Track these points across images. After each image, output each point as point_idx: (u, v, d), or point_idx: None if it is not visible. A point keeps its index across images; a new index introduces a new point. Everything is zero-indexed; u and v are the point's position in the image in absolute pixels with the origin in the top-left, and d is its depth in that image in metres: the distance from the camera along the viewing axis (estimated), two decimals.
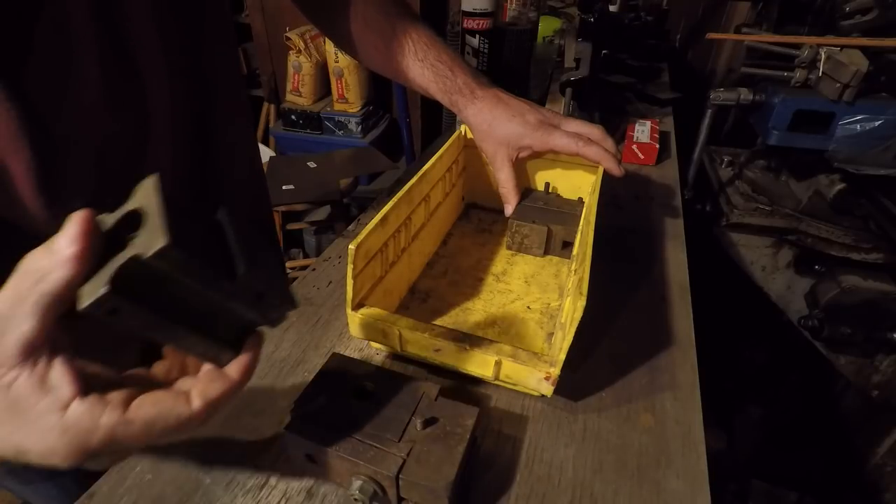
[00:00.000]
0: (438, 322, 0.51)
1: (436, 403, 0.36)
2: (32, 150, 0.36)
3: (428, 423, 0.35)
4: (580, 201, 0.63)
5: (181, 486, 0.36)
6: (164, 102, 0.44)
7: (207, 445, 0.39)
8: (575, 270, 0.47)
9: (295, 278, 0.58)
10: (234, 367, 0.29)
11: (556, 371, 0.39)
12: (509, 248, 0.62)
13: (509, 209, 0.60)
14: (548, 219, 0.60)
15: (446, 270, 0.59)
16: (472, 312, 0.53)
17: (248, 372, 0.29)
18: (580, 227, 0.55)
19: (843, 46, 0.79)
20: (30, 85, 0.36)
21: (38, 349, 0.23)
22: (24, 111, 0.36)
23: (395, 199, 0.49)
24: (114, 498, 0.36)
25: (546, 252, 0.61)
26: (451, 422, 0.35)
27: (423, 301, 0.55)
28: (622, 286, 0.57)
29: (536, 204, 0.62)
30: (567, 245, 0.59)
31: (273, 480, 0.37)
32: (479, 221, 0.69)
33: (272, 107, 2.52)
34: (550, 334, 0.50)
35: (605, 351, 0.49)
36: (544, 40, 1.24)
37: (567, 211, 0.61)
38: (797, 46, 0.84)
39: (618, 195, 0.75)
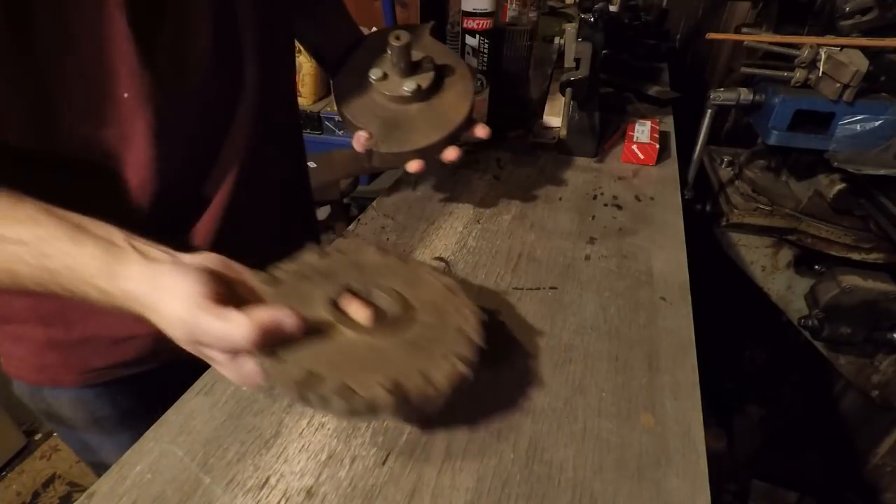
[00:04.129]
0: None
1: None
2: (154, 112, 0.43)
3: None
4: None
5: (181, 486, 0.36)
6: (255, 79, 0.51)
7: (207, 445, 0.39)
8: None
9: None
10: None
11: None
12: None
13: None
14: None
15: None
16: None
17: None
18: None
19: (843, 46, 0.79)
20: (159, 50, 0.42)
21: None
22: (153, 77, 0.42)
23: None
24: (114, 498, 0.36)
25: None
26: None
27: None
28: (622, 286, 0.57)
29: None
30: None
31: (273, 480, 0.37)
32: None
33: None
34: None
35: (605, 351, 0.49)
36: (544, 40, 1.24)
37: None
38: (797, 46, 0.83)
39: (618, 195, 0.75)
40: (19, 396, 0.60)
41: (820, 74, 0.80)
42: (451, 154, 0.59)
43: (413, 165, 0.58)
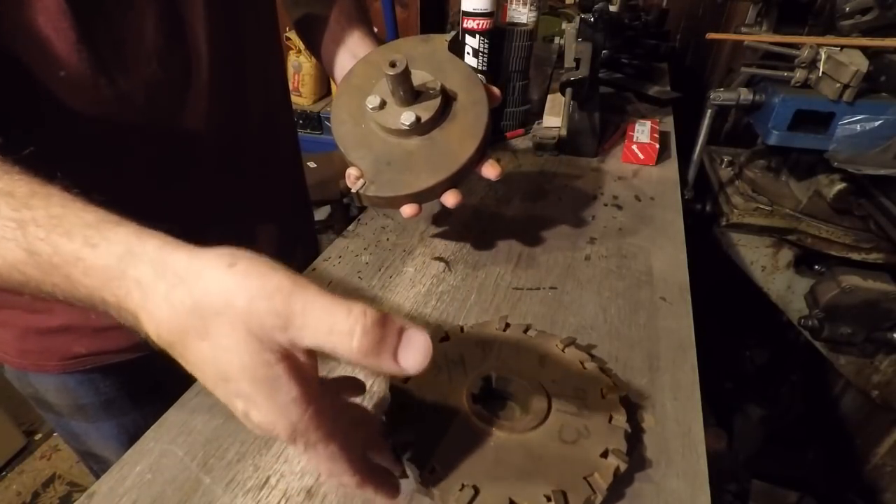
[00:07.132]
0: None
1: None
2: (96, 92, 0.42)
3: None
4: None
5: (181, 486, 0.36)
6: (203, 58, 0.49)
7: (207, 445, 0.39)
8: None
9: None
10: None
11: None
12: None
13: None
14: None
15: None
16: None
17: None
18: None
19: (843, 46, 0.79)
20: (98, 30, 0.40)
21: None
22: (92, 56, 0.40)
23: None
24: (114, 498, 0.36)
25: None
26: None
27: None
28: (622, 286, 0.57)
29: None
30: None
31: (273, 480, 0.37)
32: None
33: None
34: None
35: (605, 351, 0.49)
36: (544, 40, 1.24)
37: None
38: (797, 46, 0.83)
39: (618, 195, 0.75)
40: (10, 381, 0.60)
41: (820, 74, 0.80)
42: (451, 199, 0.50)
43: (407, 210, 0.50)
